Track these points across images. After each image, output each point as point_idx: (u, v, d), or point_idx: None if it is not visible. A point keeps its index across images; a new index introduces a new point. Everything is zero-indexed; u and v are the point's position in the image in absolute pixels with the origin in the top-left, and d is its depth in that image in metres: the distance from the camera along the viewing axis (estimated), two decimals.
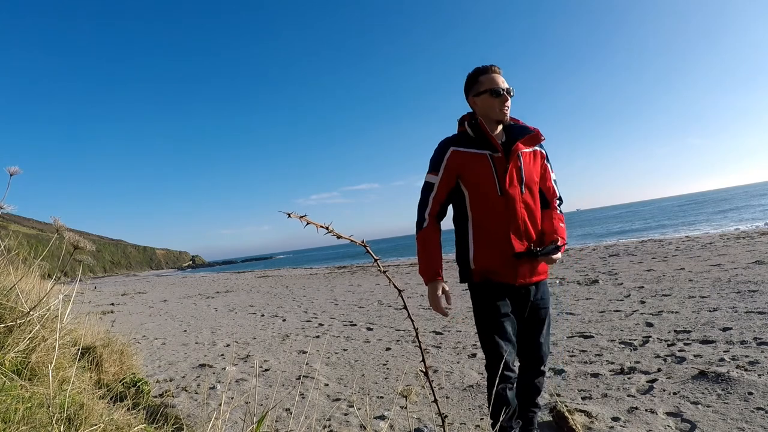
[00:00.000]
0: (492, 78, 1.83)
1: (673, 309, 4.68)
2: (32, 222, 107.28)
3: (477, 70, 1.88)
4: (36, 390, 1.39)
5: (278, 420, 2.78)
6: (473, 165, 1.84)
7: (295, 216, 1.25)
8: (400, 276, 12.89)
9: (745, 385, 2.55)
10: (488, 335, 1.86)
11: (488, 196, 1.82)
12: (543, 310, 1.93)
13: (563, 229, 1.93)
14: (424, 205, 1.90)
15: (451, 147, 1.87)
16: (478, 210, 1.86)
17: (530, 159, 1.89)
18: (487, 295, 1.87)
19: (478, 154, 1.84)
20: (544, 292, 1.94)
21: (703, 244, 11.04)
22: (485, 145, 1.85)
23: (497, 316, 1.85)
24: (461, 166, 1.85)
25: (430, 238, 1.88)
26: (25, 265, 2.68)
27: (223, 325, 7.37)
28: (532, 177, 1.88)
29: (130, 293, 17.99)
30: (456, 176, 1.88)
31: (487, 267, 1.85)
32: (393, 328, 5.62)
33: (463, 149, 1.86)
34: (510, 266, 1.82)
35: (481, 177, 1.83)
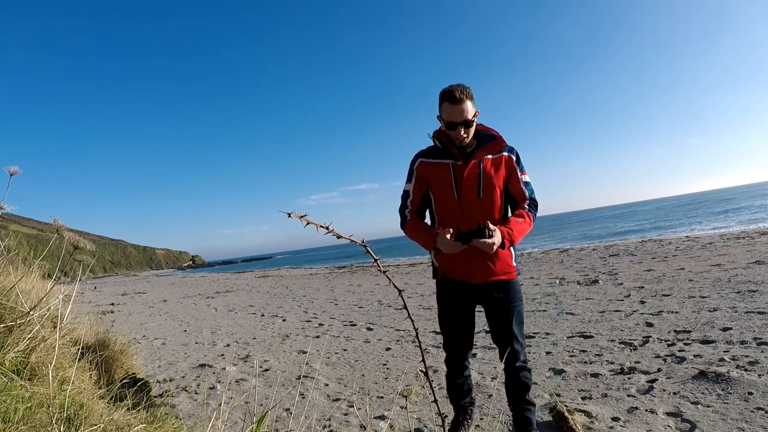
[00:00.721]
0: (451, 110, 1.95)
1: (673, 309, 4.68)
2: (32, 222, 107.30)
3: (442, 94, 1.98)
4: (36, 390, 1.39)
5: (278, 420, 2.78)
6: (436, 173, 2.08)
7: (295, 216, 1.25)
8: (400, 276, 12.89)
9: (745, 385, 2.55)
10: (442, 328, 2.21)
11: (447, 200, 2.06)
12: (509, 308, 2.06)
13: (517, 223, 2.00)
14: (404, 207, 2.18)
15: (419, 159, 2.14)
16: (440, 213, 2.11)
17: (492, 165, 2.04)
18: (444, 292, 2.16)
19: (441, 164, 2.07)
20: (509, 291, 2.06)
21: (703, 244, 11.04)
22: (449, 155, 2.06)
23: (450, 311, 2.15)
24: (427, 175, 2.11)
25: (415, 222, 2.13)
26: (25, 265, 2.68)
27: (223, 325, 7.37)
28: (491, 182, 2.03)
29: (130, 293, 18.00)
30: (426, 183, 2.13)
31: (445, 265, 2.09)
32: (393, 328, 5.62)
33: (430, 160, 2.11)
34: (464, 265, 2.03)
35: (441, 184, 2.06)
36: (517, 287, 2.11)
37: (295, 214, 1.25)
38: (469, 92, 1.95)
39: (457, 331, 2.16)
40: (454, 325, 2.16)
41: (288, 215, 1.24)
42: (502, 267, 2.03)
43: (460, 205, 2.02)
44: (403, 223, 2.16)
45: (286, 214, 1.24)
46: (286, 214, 1.24)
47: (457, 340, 2.17)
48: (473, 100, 1.97)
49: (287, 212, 1.24)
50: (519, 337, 2.08)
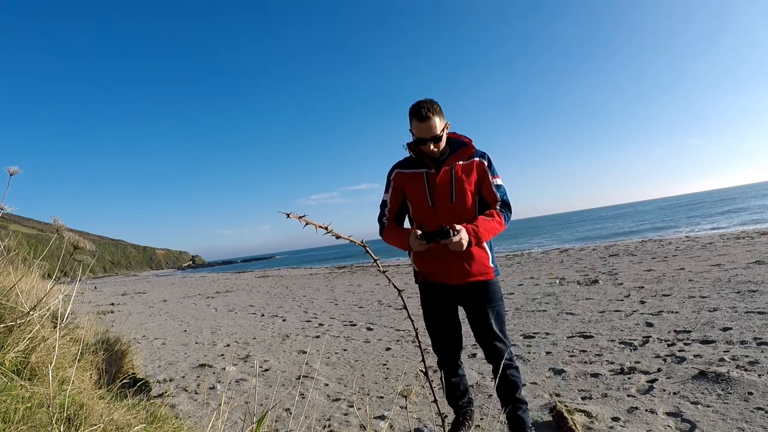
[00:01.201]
0: (419, 127, 2.03)
1: (673, 309, 4.68)
2: (32, 222, 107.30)
3: (411, 111, 2.05)
4: (36, 390, 1.39)
5: (278, 420, 2.78)
6: (411, 183, 2.17)
7: (294, 216, 1.25)
8: (400, 276, 12.89)
9: (745, 385, 2.55)
10: (428, 330, 2.27)
11: (422, 206, 2.14)
12: (488, 308, 2.11)
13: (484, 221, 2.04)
14: (382, 215, 2.27)
15: (396, 170, 2.24)
16: (417, 219, 2.19)
17: (463, 171, 2.12)
18: (426, 295, 2.24)
19: (415, 173, 2.17)
20: (487, 292, 2.12)
21: (703, 244, 11.04)
22: (422, 164, 2.15)
23: (433, 314, 2.22)
24: (403, 184, 2.20)
25: (391, 227, 2.21)
26: (25, 265, 2.68)
27: (223, 325, 7.37)
28: (463, 186, 2.11)
29: (130, 293, 18.00)
30: (402, 193, 2.23)
31: (423, 269, 2.17)
32: (393, 328, 5.62)
33: (405, 170, 2.21)
34: (441, 267, 2.10)
35: (416, 192, 2.15)
36: (496, 287, 2.15)
37: (294, 214, 1.25)
38: (437, 108, 2.02)
39: (442, 332, 2.23)
40: (439, 327, 2.23)
41: (287, 215, 1.24)
42: (478, 268, 2.09)
43: (434, 211, 2.10)
44: (381, 229, 2.25)
45: (285, 214, 1.24)
46: (285, 214, 1.24)
47: (444, 341, 2.23)
48: (441, 115, 2.05)
49: (286, 212, 1.24)
50: (501, 336, 2.13)
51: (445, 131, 2.09)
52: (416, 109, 2.02)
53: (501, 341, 2.12)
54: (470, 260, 2.07)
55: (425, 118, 2.00)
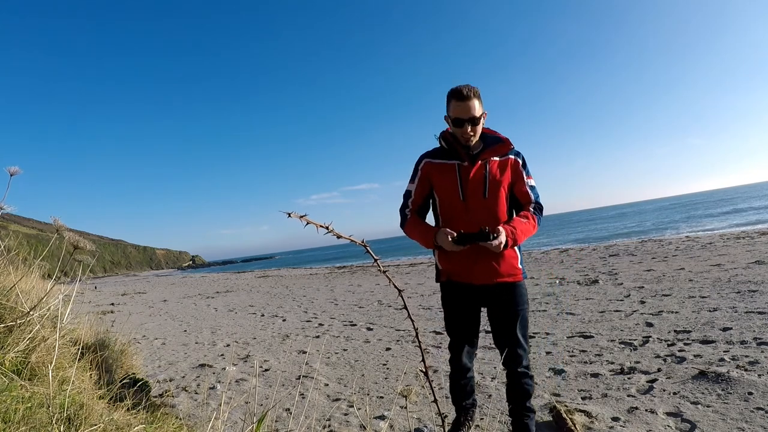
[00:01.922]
0: (459, 107, 1.95)
1: (673, 309, 4.68)
2: (32, 222, 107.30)
3: (450, 92, 1.98)
4: (36, 390, 1.39)
5: (278, 420, 2.78)
6: (441, 174, 2.06)
7: (295, 216, 1.25)
8: (400, 276, 12.89)
9: (745, 385, 2.55)
10: (448, 330, 2.18)
11: (452, 201, 2.03)
12: (512, 312, 2.03)
13: (521, 223, 1.98)
14: (404, 206, 2.17)
15: (425, 159, 2.13)
16: (445, 214, 2.08)
17: (498, 167, 2.04)
18: (448, 294, 2.13)
19: (447, 165, 2.05)
20: (515, 294, 2.03)
21: (703, 244, 11.04)
22: (455, 155, 2.05)
23: (456, 314, 2.12)
24: (432, 175, 2.09)
25: (414, 221, 2.11)
26: (25, 265, 2.67)
27: (223, 325, 7.37)
28: (497, 183, 2.02)
29: (130, 293, 18.00)
30: (429, 184, 2.12)
31: (449, 267, 2.06)
32: (393, 328, 5.62)
33: (435, 160, 2.09)
34: (468, 267, 2.00)
35: (447, 185, 2.04)
36: (523, 290, 2.07)
37: (294, 214, 1.25)
38: (477, 91, 1.95)
39: (463, 334, 2.14)
40: (460, 328, 2.14)
41: (288, 215, 1.24)
42: (507, 269, 2.00)
43: (465, 206, 2.00)
44: (403, 221, 2.14)
45: (286, 214, 1.24)
46: (286, 214, 1.24)
47: (463, 343, 2.14)
48: (481, 101, 1.97)
49: (287, 212, 1.24)
50: (522, 342, 2.05)
51: (483, 120, 2.00)
52: (457, 90, 1.95)
53: (522, 348, 2.04)
54: (499, 260, 1.98)
55: (466, 98, 1.92)
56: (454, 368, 2.20)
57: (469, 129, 1.96)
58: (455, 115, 1.96)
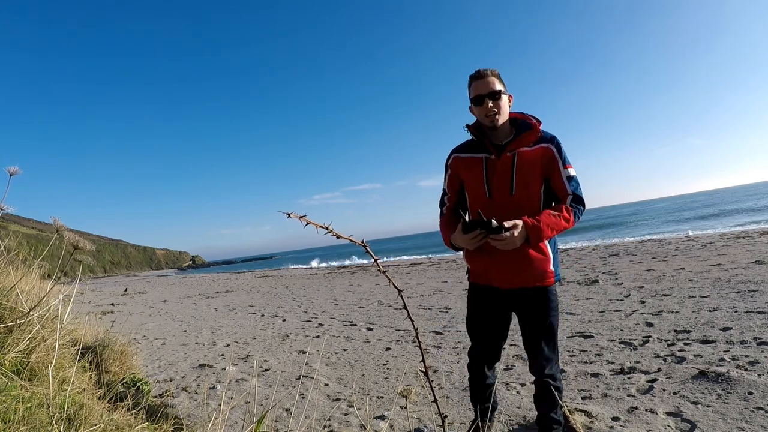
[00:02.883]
0: (477, 85, 1.87)
1: (673, 309, 4.68)
2: (32, 222, 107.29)
3: (469, 77, 1.91)
4: (36, 390, 1.39)
5: (278, 420, 2.78)
6: (468, 170, 1.95)
7: (294, 216, 1.25)
8: (400, 276, 12.89)
9: (745, 385, 2.55)
10: (469, 332, 2.10)
11: (479, 199, 1.93)
12: (539, 320, 1.90)
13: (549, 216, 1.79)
14: (441, 205, 2.11)
15: (453, 154, 2.03)
16: (474, 211, 1.95)
17: (530, 159, 1.85)
18: (473, 296, 2.05)
19: (474, 159, 1.94)
20: (542, 301, 1.88)
21: (703, 244, 11.04)
22: (483, 148, 1.92)
23: (478, 318, 2.03)
24: (460, 171, 2.00)
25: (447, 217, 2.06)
26: (25, 265, 2.68)
27: (223, 325, 7.37)
28: (527, 177, 1.85)
29: (130, 293, 17.99)
30: (459, 179, 2.03)
31: (475, 268, 1.98)
32: (393, 328, 5.62)
33: (463, 155, 1.99)
34: (491, 268, 1.90)
35: (473, 180, 1.94)
36: (553, 296, 1.91)
37: (294, 214, 1.25)
38: (495, 71, 1.86)
39: (483, 339, 2.03)
40: (482, 333, 2.03)
41: (288, 215, 1.24)
42: (534, 272, 1.84)
43: (492, 204, 1.86)
44: (440, 218, 2.09)
45: (286, 214, 1.24)
46: (286, 214, 1.24)
47: (484, 349, 2.04)
48: (501, 80, 1.87)
49: (287, 212, 1.24)
50: (547, 352, 1.93)
51: (509, 101, 1.89)
52: (474, 72, 1.88)
53: (545, 357, 1.93)
54: (525, 262, 1.82)
55: (483, 75, 1.84)
56: (471, 373, 2.11)
57: (490, 104, 1.82)
58: (474, 94, 1.86)
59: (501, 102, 1.85)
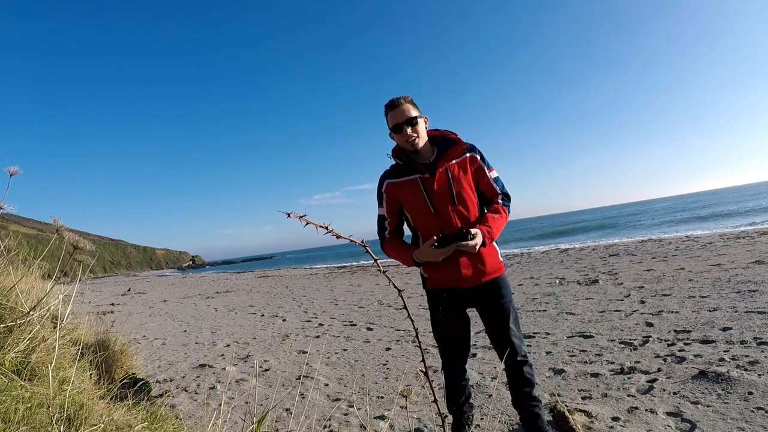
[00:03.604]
0: (393, 114, 2.01)
1: (673, 309, 4.68)
2: (32, 222, 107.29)
3: (385, 107, 2.05)
4: (36, 390, 1.39)
5: (278, 420, 2.78)
6: (406, 192, 2.07)
7: (294, 216, 1.25)
8: (400, 276, 12.89)
9: (745, 385, 2.55)
10: (438, 339, 2.16)
11: (424, 215, 2.04)
12: (503, 305, 2.06)
13: (494, 219, 2.03)
14: (382, 230, 2.18)
15: (385, 180, 2.13)
16: (420, 228, 2.09)
17: (459, 169, 2.05)
18: (435, 302, 2.13)
19: (408, 181, 2.06)
20: (501, 288, 2.07)
21: (703, 244, 11.04)
22: (414, 170, 2.05)
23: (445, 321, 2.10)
24: (397, 195, 2.10)
25: (392, 242, 2.16)
26: (25, 265, 2.67)
27: (223, 325, 7.37)
28: (462, 186, 2.04)
29: (130, 293, 17.99)
30: (397, 203, 2.13)
31: (434, 275, 2.07)
32: (393, 328, 5.62)
33: (396, 179, 2.10)
34: (454, 272, 2.01)
35: (414, 201, 2.05)
36: (508, 282, 2.12)
37: (294, 214, 1.25)
38: (408, 98, 2.02)
39: (454, 340, 2.14)
40: (451, 335, 2.13)
41: (288, 215, 1.24)
42: (491, 266, 2.04)
43: (437, 218, 2.02)
44: (382, 244, 2.19)
45: (286, 214, 1.24)
46: (286, 214, 1.24)
47: (456, 349, 2.14)
48: (415, 105, 2.02)
49: (287, 212, 1.24)
50: (517, 332, 2.08)
51: (425, 124, 2.05)
52: (388, 102, 2.03)
53: (518, 338, 2.08)
54: (483, 259, 2.01)
55: (397, 104, 1.99)
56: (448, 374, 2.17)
57: (409, 131, 1.97)
58: (392, 123, 2.01)
59: (418, 127, 2.00)
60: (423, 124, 2.04)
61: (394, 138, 2.07)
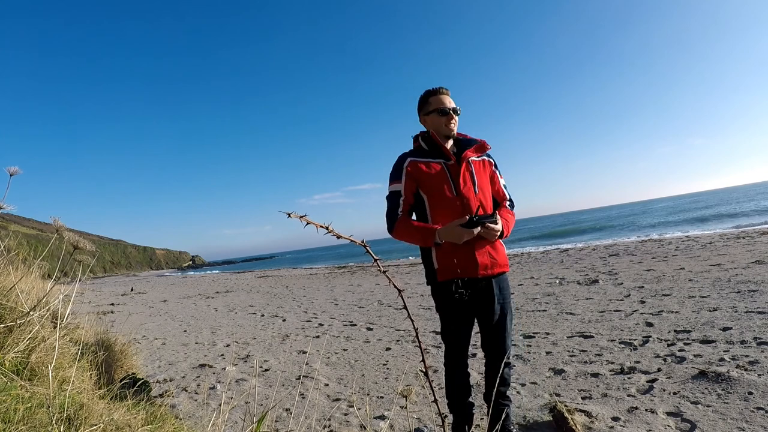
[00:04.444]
0: (439, 99, 2.09)
1: (673, 309, 4.68)
2: (32, 222, 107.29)
3: (427, 92, 2.13)
4: (36, 390, 1.39)
5: (278, 420, 2.78)
6: (429, 173, 2.06)
7: (295, 216, 1.25)
8: (400, 276, 12.89)
9: (745, 385, 2.55)
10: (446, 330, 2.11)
11: (445, 197, 2.03)
12: (504, 304, 2.08)
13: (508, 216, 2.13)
14: (395, 207, 2.07)
15: (409, 158, 2.11)
16: (437, 211, 2.04)
17: (480, 166, 2.14)
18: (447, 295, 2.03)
19: (433, 162, 2.09)
20: (505, 287, 2.09)
21: (703, 244, 11.03)
22: (439, 155, 2.09)
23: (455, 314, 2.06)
24: (419, 174, 2.07)
25: (406, 221, 2.05)
26: (25, 265, 2.67)
27: (223, 325, 7.37)
28: (483, 181, 2.12)
29: (132, 293, 17.99)
30: (416, 182, 2.08)
31: (450, 264, 2.00)
32: (393, 328, 5.62)
33: (421, 159, 2.10)
34: (472, 260, 1.98)
35: (437, 181, 2.05)
36: (509, 282, 2.17)
37: (294, 214, 1.25)
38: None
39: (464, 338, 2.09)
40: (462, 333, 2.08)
41: (288, 215, 1.24)
42: (503, 258, 2.08)
43: (460, 202, 2.02)
44: (394, 223, 2.05)
45: (287, 214, 1.24)
46: (287, 214, 1.24)
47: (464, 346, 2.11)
48: None
49: (287, 212, 1.24)
50: (510, 333, 2.14)
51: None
52: (434, 88, 2.10)
53: (510, 339, 2.13)
54: (496, 250, 2.04)
55: (445, 92, 2.09)
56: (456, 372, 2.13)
57: (454, 118, 2.07)
58: (439, 106, 2.07)
59: (458, 117, 2.11)
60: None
61: (429, 122, 2.12)
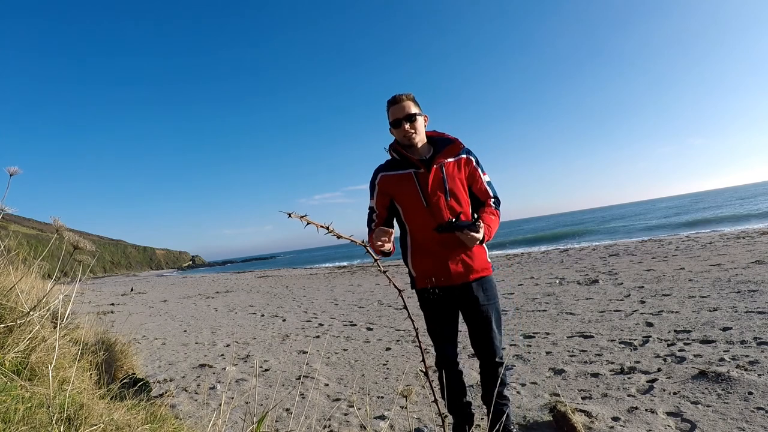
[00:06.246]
0: (392, 110, 2.07)
1: (673, 309, 4.68)
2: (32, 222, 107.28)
3: (387, 102, 2.11)
4: (36, 390, 1.39)
5: (278, 420, 2.78)
6: (400, 185, 2.10)
7: (295, 216, 1.25)
8: (400, 276, 12.89)
9: (745, 385, 2.55)
10: (432, 335, 2.18)
11: (416, 209, 2.07)
12: (488, 306, 2.08)
13: (490, 219, 2.07)
14: (370, 222, 2.17)
15: (380, 173, 2.16)
16: (411, 222, 2.12)
17: (454, 168, 2.10)
18: (427, 300, 2.13)
19: (403, 175, 2.10)
20: (489, 288, 2.09)
21: (703, 244, 11.03)
22: (409, 164, 2.09)
23: (436, 319, 2.13)
24: (390, 188, 2.12)
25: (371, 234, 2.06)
26: (25, 265, 2.67)
27: (223, 325, 7.37)
28: (456, 184, 2.08)
29: (132, 293, 17.99)
30: (389, 196, 2.14)
31: (425, 272, 2.08)
32: (393, 328, 5.62)
33: (390, 172, 2.13)
34: (444, 268, 2.03)
35: (407, 194, 2.08)
36: (494, 284, 2.14)
37: (295, 214, 1.25)
38: (410, 95, 2.07)
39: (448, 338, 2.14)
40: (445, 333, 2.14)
41: (288, 215, 1.24)
42: (480, 263, 2.06)
43: (430, 212, 2.04)
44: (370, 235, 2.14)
45: (287, 214, 1.24)
46: (287, 214, 1.24)
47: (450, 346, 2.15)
48: (416, 103, 2.07)
49: (287, 212, 1.24)
50: (498, 335, 2.12)
51: (424, 122, 2.10)
52: (390, 98, 2.08)
53: (498, 339, 2.11)
54: (472, 256, 2.04)
55: (399, 100, 2.04)
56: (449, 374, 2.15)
57: (407, 126, 2.03)
58: (392, 118, 2.06)
59: (417, 123, 2.05)
60: (422, 121, 2.09)
61: (393, 133, 2.11)
